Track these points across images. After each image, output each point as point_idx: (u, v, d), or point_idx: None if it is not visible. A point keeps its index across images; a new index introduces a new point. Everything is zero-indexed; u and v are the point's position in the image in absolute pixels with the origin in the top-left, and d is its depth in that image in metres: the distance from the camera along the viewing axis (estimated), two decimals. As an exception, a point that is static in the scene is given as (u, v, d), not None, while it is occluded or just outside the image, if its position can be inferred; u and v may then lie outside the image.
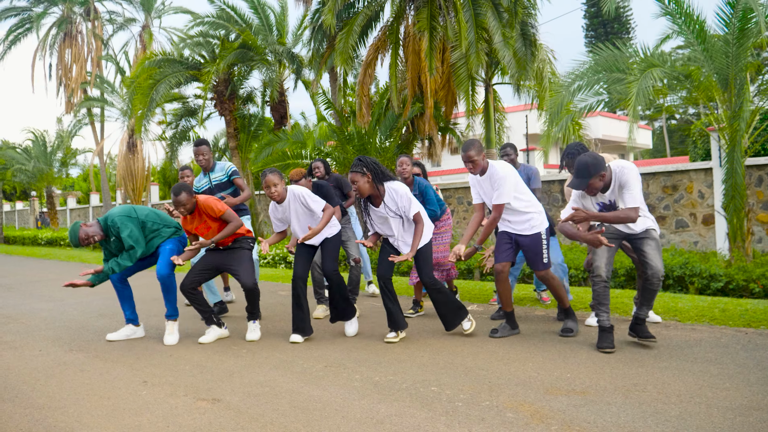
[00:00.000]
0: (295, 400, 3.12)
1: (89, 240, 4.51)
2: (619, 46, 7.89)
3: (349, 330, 4.79)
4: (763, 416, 2.66)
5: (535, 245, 4.44)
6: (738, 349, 3.87)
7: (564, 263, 5.35)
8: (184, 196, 4.48)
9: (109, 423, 2.88)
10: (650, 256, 3.95)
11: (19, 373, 3.88)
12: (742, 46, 7.27)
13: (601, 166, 3.78)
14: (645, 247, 3.99)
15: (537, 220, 4.47)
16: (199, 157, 5.77)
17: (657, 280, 3.93)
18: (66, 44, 24.61)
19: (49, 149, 27.48)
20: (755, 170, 8.88)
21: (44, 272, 11.39)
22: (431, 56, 10.66)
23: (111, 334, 4.89)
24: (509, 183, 4.33)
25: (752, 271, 6.69)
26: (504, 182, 4.32)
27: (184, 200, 4.48)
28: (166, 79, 15.02)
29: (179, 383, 3.52)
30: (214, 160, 5.95)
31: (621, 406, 2.85)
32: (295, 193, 4.59)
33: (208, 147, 5.80)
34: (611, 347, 3.93)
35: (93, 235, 4.54)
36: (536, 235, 4.45)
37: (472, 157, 4.36)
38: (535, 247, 4.44)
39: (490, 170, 4.40)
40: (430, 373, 3.55)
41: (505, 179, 4.32)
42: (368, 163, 4.31)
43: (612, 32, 43.76)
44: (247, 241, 4.80)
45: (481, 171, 4.44)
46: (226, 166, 5.86)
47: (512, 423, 2.69)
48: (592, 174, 3.78)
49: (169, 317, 4.81)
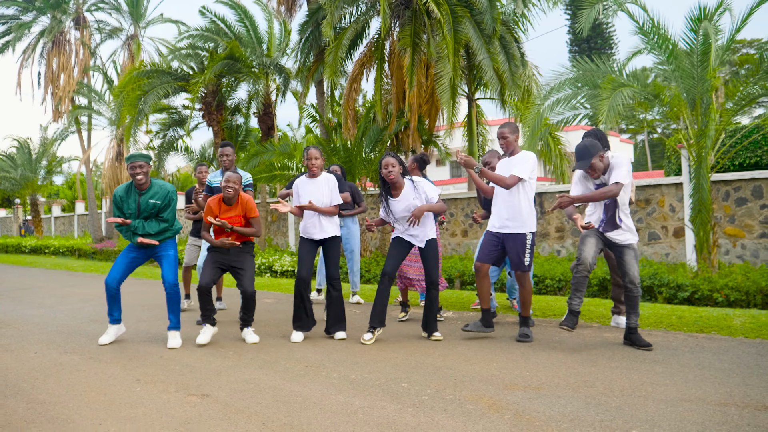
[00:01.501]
0: (277, 395, 3.42)
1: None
2: (597, 61, 8.24)
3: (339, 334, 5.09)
4: (691, 407, 3.01)
5: (521, 245, 4.77)
6: (685, 352, 4.23)
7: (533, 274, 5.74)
8: (238, 176, 4.89)
9: (106, 415, 3.16)
10: (628, 265, 4.38)
11: (18, 373, 4.13)
12: (706, 68, 7.70)
13: (599, 147, 4.32)
14: (624, 256, 4.42)
15: (528, 222, 4.79)
16: (224, 158, 6.05)
17: (633, 286, 4.39)
18: (54, 53, 24.74)
19: (34, 157, 27.49)
20: (723, 185, 9.28)
21: (32, 280, 11.55)
22: (412, 71, 11.06)
23: (102, 337, 5.11)
24: (530, 164, 4.71)
25: (716, 282, 7.07)
26: (526, 161, 4.70)
27: (237, 178, 4.88)
28: (155, 89, 15.28)
29: (170, 381, 3.80)
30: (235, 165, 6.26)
31: (569, 399, 3.19)
32: (329, 178, 5.08)
33: (232, 149, 6.09)
34: (571, 327, 4.33)
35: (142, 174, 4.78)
36: (521, 235, 4.78)
37: (505, 133, 4.78)
38: (520, 247, 4.77)
39: (520, 154, 4.79)
40: (402, 371, 3.87)
41: (527, 160, 4.72)
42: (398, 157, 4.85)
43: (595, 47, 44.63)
44: (250, 245, 5.13)
45: (512, 152, 4.82)
46: (245, 176, 6.08)
47: (471, 413, 3.01)
48: (593, 154, 4.28)
49: (172, 328, 5.02)
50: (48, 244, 21.31)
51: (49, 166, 27.99)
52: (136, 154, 4.78)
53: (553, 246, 10.89)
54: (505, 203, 4.80)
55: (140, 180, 4.77)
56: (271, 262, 11.53)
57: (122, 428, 2.94)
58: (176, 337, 4.97)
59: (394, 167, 4.78)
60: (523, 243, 4.76)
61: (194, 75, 15.66)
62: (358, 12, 12.44)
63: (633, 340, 4.44)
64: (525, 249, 4.76)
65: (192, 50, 15.68)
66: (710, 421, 2.80)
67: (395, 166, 4.78)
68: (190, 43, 15.63)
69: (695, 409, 2.97)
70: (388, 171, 4.77)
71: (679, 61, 7.78)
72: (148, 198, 4.84)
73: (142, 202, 4.85)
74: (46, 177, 28.37)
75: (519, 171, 4.69)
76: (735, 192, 9.17)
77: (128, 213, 4.88)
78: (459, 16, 11.02)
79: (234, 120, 17.09)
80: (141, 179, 4.77)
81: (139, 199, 4.85)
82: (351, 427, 2.86)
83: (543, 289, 8.03)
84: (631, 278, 4.39)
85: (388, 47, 12.27)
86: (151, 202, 4.84)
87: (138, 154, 4.78)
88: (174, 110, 18.01)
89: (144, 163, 4.76)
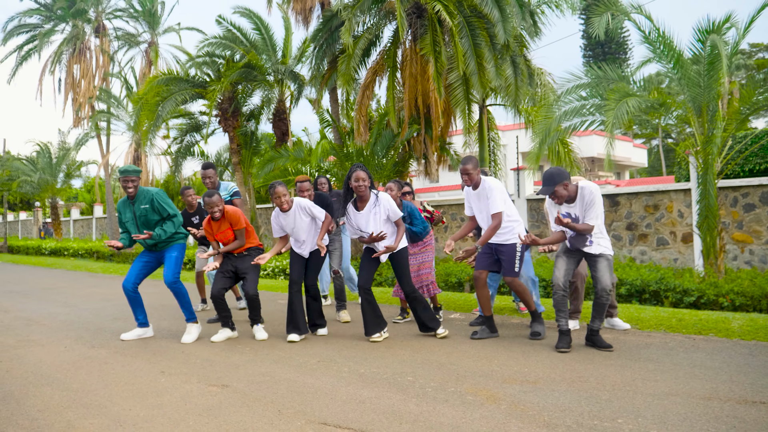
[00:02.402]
0: (291, 386, 3.68)
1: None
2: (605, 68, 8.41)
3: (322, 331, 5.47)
4: (676, 400, 3.22)
5: (511, 254, 5.05)
6: (679, 352, 4.43)
7: (535, 276, 5.95)
8: (216, 197, 5.16)
9: (135, 402, 3.44)
10: (600, 273, 4.57)
11: (51, 365, 4.44)
12: (712, 77, 7.84)
13: (564, 176, 4.51)
14: (597, 265, 4.61)
15: (515, 233, 5.06)
16: (206, 180, 6.38)
17: (605, 293, 4.55)
18: (74, 59, 25.39)
19: (54, 161, 28.12)
20: (731, 191, 9.40)
21: (54, 280, 11.96)
22: (438, 80, 11.29)
23: (125, 334, 5.47)
24: (499, 194, 4.98)
25: (722, 287, 7.19)
26: (493, 192, 4.97)
27: (216, 201, 5.14)
28: (173, 96, 15.69)
29: (192, 373, 4.09)
30: (219, 180, 6.57)
31: (563, 392, 3.42)
32: (301, 205, 5.29)
33: (214, 170, 6.43)
34: (567, 348, 4.52)
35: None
36: (512, 245, 5.05)
37: (468, 170, 5.04)
38: (510, 256, 5.05)
39: (483, 184, 5.06)
40: (408, 366, 4.13)
41: (494, 190, 4.98)
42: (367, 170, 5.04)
43: (609, 53, 44.55)
44: (258, 251, 5.43)
45: (475, 185, 5.08)
46: (229, 186, 6.50)
47: (470, 403, 3.25)
48: (557, 182, 4.48)
49: (189, 320, 5.41)
50: (67, 246, 21.83)
51: (69, 171, 28.59)
52: (129, 168, 5.23)
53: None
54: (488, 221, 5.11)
55: (131, 192, 5.26)
56: (285, 265, 11.84)
57: (151, 413, 3.22)
58: (191, 332, 5.36)
59: (365, 181, 4.97)
60: (513, 252, 5.04)
61: (211, 82, 16.04)
62: (371, 21, 12.73)
63: (595, 341, 4.64)
64: (515, 257, 5.03)
65: (209, 58, 16.07)
66: (692, 413, 3.01)
67: (365, 180, 4.97)
68: (208, 51, 16.02)
69: (680, 402, 3.18)
70: (358, 184, 4.94)
71: (685, 70, 7.93)
72: (139, 205, 5.32)
73: (136, 210, 5.34)
74: (65, 181, 28.97)
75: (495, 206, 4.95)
76: (743, 198, 9.29)
77: (126, 221, 5.38)
78: (473, 27, 11.26)
79: (249, 126, 17.45)
80: (131, 192, 5.25)
81: (133, 208, 5.34)
82: (359, 415, 3.11)
83: (550, 293, 8.22)
84: (602, 286, 4.55)
85: (401, 55, 12.54)
86: (142, 208, 5.32)
87: (131, 169, 5.23)
88: (191, 116, 18.42)
89: (136, 177, 5.26)
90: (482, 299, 5.16)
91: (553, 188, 4.50)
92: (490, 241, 5.11)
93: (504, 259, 5.08)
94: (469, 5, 11.54)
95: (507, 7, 10.85)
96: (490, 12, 10.82)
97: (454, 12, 11.00)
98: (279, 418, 3.10)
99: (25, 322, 6.49)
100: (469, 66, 11.18)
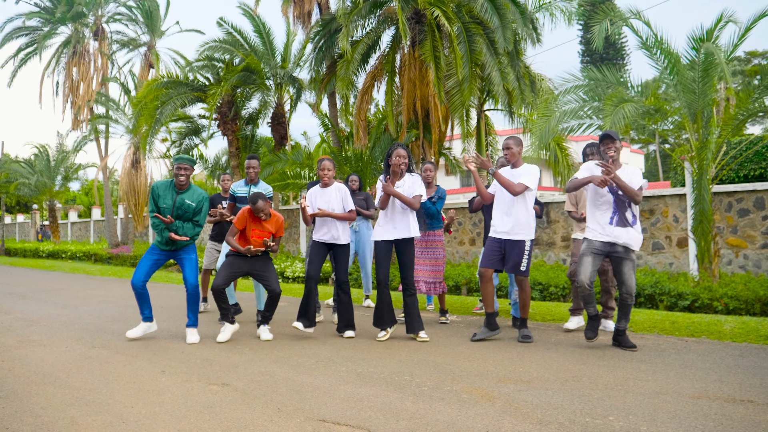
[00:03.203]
0: (290, 385, 3.75)
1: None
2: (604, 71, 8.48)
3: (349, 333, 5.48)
4: (667, 399, 3.30)
5: (521, 251, 5.10)
6: (672, 353, 4.51)
7: None
8: (261, 204, 5.15)
9: (137, 400, 3.50)
10: (625, 276, 4.68)
11: (53, 365, 4.49)
12: (707, 84, 7.93)
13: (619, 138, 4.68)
14: (623, 267, 4.71)
15: (530, 230, 5.13)
16: (250, 170, 6.29)
17: (629, 296, 4.69)
18: (73, 62, 25.44)
19: (53, 164, 28.15)
20: (725, 197, 9.48)
21: (53, 282, 12.00)
22: (439, 85, 11.38)
23: (130, 331, 5.47)
24: (535, 177, 5.08)
25: (716, 291, 7.28)
26: (533, 174, 5.07)
27: (262, 207, 5.16)
28: (172, 100, 15.76)
29: (192, 372, 4.15)
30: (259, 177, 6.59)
31: (557, 391, 3.49)
32: (340, 187, 5.50)
33: (257, 161, 6.35)
34: (594, 335, 4.73)
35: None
36: (523, 242, 5.11)
37: (510, 145, 5.17)
38: (520, 253, 5.10)
39: (524, 165, 5.17)
40: (405, 366, 4.20)
41: (533, 173, 5.09)
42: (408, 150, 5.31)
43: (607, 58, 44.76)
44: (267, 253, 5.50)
45: (515, 163, 5.19)
46: (268, 189, 6.40)
47: (465, 401, 3.33)
48: (616, 138, 4.65)
49: (191, 326, 5.44)
50: (65, 249, 21.85)
51: (67, 173, 28.64)
52: (184, 157, 5.21)
53: (559, 255, 11.13)
54: (506, 212, 5.12)
55: (182, 181, 5.19)
56: (282, 268, 11.90)
57: (153, 411, 3.28)
58: (194, 334, 5.40)
59: (404, 158, 5.22)
60: (522, 249, 5.09)
61: (211, 86, 16.12)
62: (370, 26, 12.83)
63: (621, 341, 4.75)
64: (524, 255, 5.08)
65: (209, 61, 16.15)
66: (682, 411, 3.09)
67: (405, 158, 5.23)
68: (207, 55, 16.10)
69: (670, 401, 3.26)
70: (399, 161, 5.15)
71: (680, 76, 8.02)
72: (185, 198, 5.22)
73: (178, 200, 5.24)
74: (63, 183, 29.02)
75: (527, 181, 5.04)
76: (737, 203, 9.37)
77: (163, 207, 5.25)
78: (471, 33, 11.36)
79: (248, 129, 17.52)
80: (183, 180, 5.19)
81: (176, 198, 5.24)
82: (357, 412, 3.18)
83: (547, 297, 8.31)
84: (627, 289, 4.67)
85: (399, 60, 12.64)
86: (187, 203, 5.24)
87: (185, 158, 5.21)
88: (190, 119, 18.49)
89: (189, 166, 5.21)
90: (486, 295, 5.22)
91: (613, 139, 4.62)
92: (500, 238, 5.14)
93: (513, 256, 5.10)
94: (468, 11, 11.65)
95: (507, 13, 10.95)
96: (489, 19, 10.93)
97: (452, 18, 11.10)
98: (278, 415, 3.16)
99: (26, 323, 6.54)
100: (466, 71, 11.28)
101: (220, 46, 15.79)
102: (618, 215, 4.70)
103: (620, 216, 4.69)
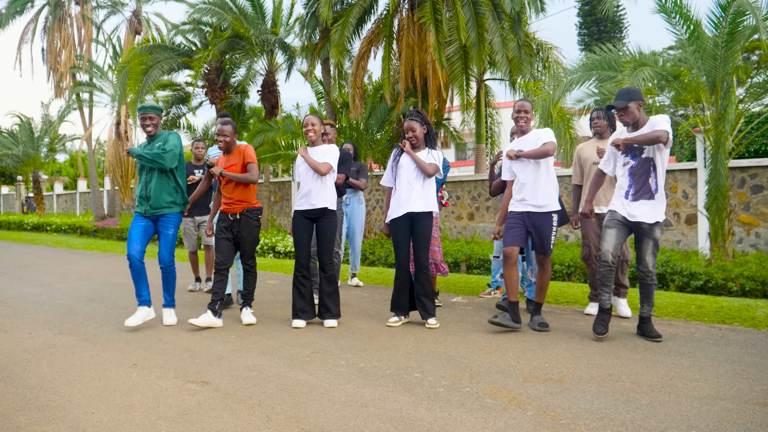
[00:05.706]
0: (281, 384, 3.22)
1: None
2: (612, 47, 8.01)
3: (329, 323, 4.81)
4: (729, 406, 2.79)
5: (547, 226, 4.53)
6: (710, 344, 4.02)
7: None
8: (229, 128, 4.88)
9: (100, 403, 2.96)
10: (644, 253, 4.17)
11: (10, 355, 3.94)
12: (731, 49, 7.36)
13: (640, 95, 4.09)
14: (643, 244, 4.19)
15: (555, 202, 4.57)
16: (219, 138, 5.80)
17: (646, 275, 4.17)
18: (55, 28, 24.37)
19: (36, 134, 27.24)
20: (738, 172, 9.03)
21: (32, 257, 11.38)
22: (440, 49, 10.68)
23: (129, 319, 4.74)
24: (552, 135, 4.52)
25: (731, 271, 6.86)
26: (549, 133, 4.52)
27: (228, 131, 4.87)
28: (158, 65, 15.00)
29: (169, 366, 3.61)
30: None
31: (595, 394, 2.98)
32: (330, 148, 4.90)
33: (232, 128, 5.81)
34: (604, 331, 4.15)
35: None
36: (550, 215, 4.55)
37: (528, 108, 4.59)
38: (546, 228, 4.53)
39: (537, 130, 4.60)
40: (414, 360, 3.67)
41: (549, 132, 4.52)
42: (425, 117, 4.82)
43: (605, 31, 43.82)
44: (255, 213, 4.96)
45: (526, 130, 4.64)
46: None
47: (491, 408, 2.80)
48: (632, 98, 4.07)
49: (167, 306, 4.96)
50: (50, 222, 21.16)
51: (51, 144, 27.76)
52: (147, 105, 4.88)
53: (561, 231, 10.67)
54: (534, 184, 4.53)
55: (150, 131, 4.92)
56: (274, 242, 11.34)
57: (116, 418, 2.75)
58: (171, 315, 4.96)
59: (415, 130, 4.75)
60: (550, 224, 4.54)
61: (197, 51, 15.33)
62: (366, -13, 12.07)
63: (644, 330, 4.22)
64: (551, 230, 4.54)
65: (196, 25, 15.34)
66: (752, 423, 2.58)
67: (415, 129, 4.74)
68: (195, 18, 15.28)
69: (733, 409, 2.75)
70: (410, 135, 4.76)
71: (701, 41, 7.47)
72: (154, 145, 4.94)
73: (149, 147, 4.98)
74: (49, 154, 28.16)
75: (548, 139, 4.48)
76: (751, 179, 8.91)
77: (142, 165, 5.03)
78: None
79: (237, 98, 16.77)
80: (151, 131, 4.91)
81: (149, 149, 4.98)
82: (362, 422, 2.65)
83: (552, 275, 7.81)
84: (645, 265, 4.17)
85: (397, 24, 11.92)
86: (157, 146, 4.95)
87: (149, 106, 4.89)
88: (177, 87, 17.71)
89: (154, 114, 4.89)
90: (511, 281, 4.50)
91: (627, 103, 4.07)
92: (524, 210, 4.55)
93: (539, 233, 4.53)
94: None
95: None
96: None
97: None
98: (267, 426, 2.63)
99: (-9, 304, 5.97)
100: (470, 37, 10.60)
101: (209, 8, 14.94)
102: (634, 187, 4.17)
103: (638, 187, 4.16)
